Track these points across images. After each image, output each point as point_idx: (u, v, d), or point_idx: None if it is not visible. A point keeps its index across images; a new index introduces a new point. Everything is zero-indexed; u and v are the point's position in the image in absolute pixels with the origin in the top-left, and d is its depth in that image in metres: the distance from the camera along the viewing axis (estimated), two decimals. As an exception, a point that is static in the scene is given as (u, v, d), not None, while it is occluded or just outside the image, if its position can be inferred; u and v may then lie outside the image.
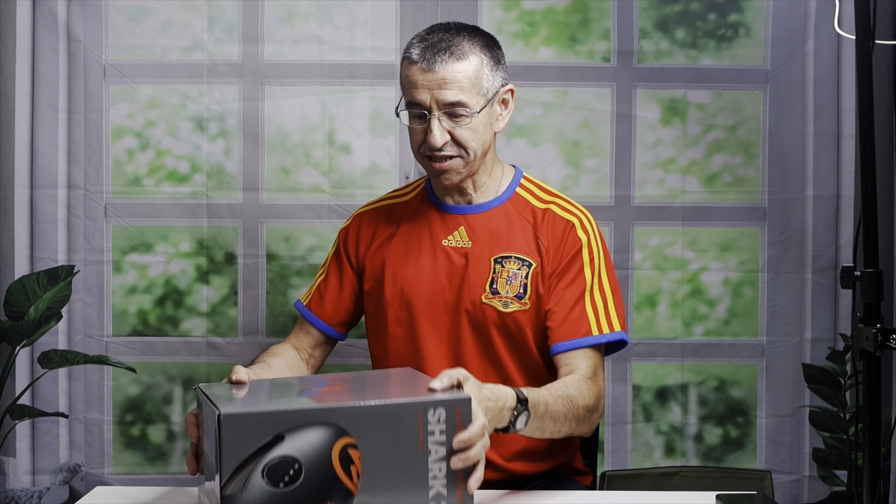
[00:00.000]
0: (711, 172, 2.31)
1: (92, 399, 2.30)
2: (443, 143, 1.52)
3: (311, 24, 2.28)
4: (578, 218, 1.61)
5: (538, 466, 1.63)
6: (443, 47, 1.52)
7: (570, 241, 1.58)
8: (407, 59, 1.54)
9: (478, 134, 1.54)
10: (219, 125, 2.28)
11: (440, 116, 1.51)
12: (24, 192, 2.28)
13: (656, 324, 2.31)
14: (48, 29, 2.26)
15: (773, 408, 2.31)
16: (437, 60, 1.50)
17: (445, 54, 1.51)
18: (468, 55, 1.52)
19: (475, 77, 1.52)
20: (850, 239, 2.28)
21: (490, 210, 1.62)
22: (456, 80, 1.50)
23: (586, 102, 2.29)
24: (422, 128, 1.54)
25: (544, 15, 2.29)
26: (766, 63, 2.29)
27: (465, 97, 1.51)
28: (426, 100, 1.51)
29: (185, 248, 2.30)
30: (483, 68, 1.54)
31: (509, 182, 1.65)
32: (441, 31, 1.56)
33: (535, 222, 1.61)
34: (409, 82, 1.53)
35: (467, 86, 1.51)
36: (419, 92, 1.51)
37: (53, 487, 2.29)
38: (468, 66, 1.52)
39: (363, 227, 1.70)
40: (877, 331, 1.22)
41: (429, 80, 1.51)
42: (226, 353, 2.30)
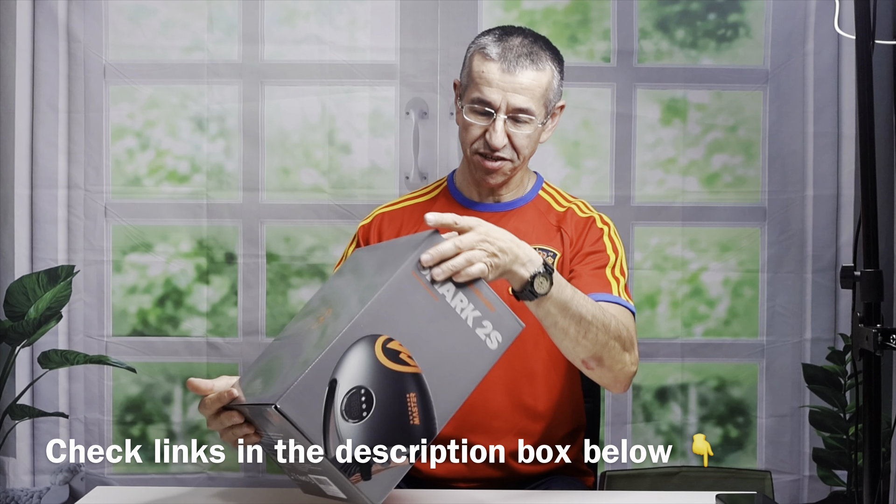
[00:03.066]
0: (711, 172, 2.31)
1: (92, 399, 2.30)
2: (503, 144, 1.54)
3: (311, 24, 2.28)
4: (598, 216, 1.67)
5: (539, 466, 1.63)
6: (525, 52, 1.53)
7: (592, 231, 1.63)
8: (482, 54, 1.54)
9: (532, 142, 1.58)
10: (219, 125, 2.28)
11: (506, 118, 1.53)
12: (24, 192, 2.28)
13: (656, 324, 2.31)
14: (48, 29, 2.26)
15: (773, 408, 2.32)
16: (520, 65, 1.52)
17: (527, 60, 1.53)
18: (546, 66, 1.55)
19: (546, 88, 1.55)
20: (850, 239, 2.28)
21: (516, 209, 1.65)
22: (531, 87, 1.53)
23: (586, 102, 2.29)
24: (482, 125, 1.55)
25: (544, 15, 2.29)
26: (766, 63, 2.29)
27: (533, 105, 1.53)
28: (497, 100, 1.53)
29: (185, 248, 2.30)
30: (553, 81, 1.57)
31: (532, 185, 1.70)
32: (519, 34, 1.57)
33: (559, 222, 1.66)
34: (482, 78, 1.53)
35: (538, 95, 1.54)
36: (492, 91, 1.53)
37: (53, 487, 2.29)
38: (544, 77, 1.55)
39: (385, 225, 1.69)
40: (877, 331, 1.22)
41: (506, 82, 1.52)
42: (226, 353, 2.30)
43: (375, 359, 1.15)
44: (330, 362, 1.13)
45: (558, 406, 1.65)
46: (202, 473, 2.30)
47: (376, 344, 1.15)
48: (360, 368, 1.14)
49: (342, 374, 1.13)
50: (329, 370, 1.12)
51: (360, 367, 1.14)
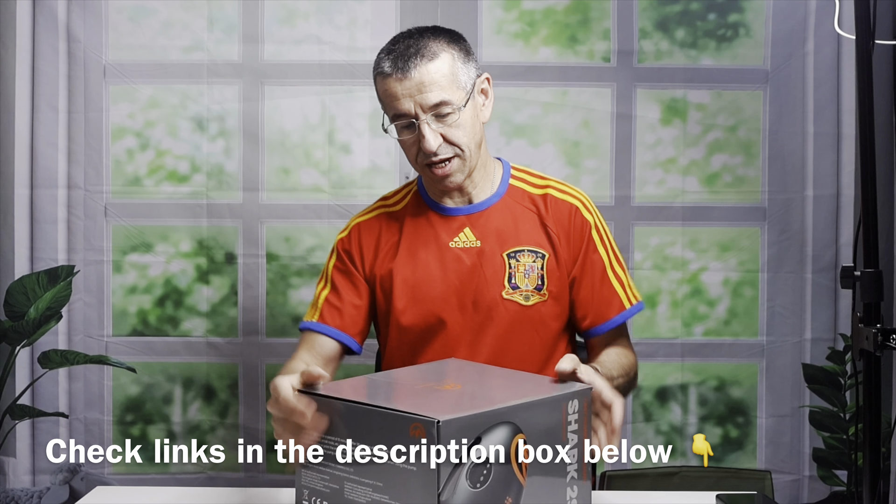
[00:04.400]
0: (711, 172, 2.31)
1: (92, 399, 2.30)
2: (437, 145, 1.51)
3: (311, 24, 2.28)
4: (580, 200, 1.63)
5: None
6: (412, 53, 1.50)
7: (579, 225, 1.60)
8: (380, 74, 1.53)
9: (468, 129, 1.54)
10: (219, 125, 2.28)
11: (428, 120, 1.51)
12: (24, 192, 2.28)
13: (656, 324, 2.31)
14: (48, 29, 2.26)
15: (773, 408, 2.32)
16: (411, 66, 1.49)
17: (417, 58, 1.50)
18: (438, 53, 1.52)
19: (451, 73, 1.52)
20: (850, 239, 2.28)
21: (491, 206, 1.62)
22: (433, 80, 1.50)
23: (586, 102, 2.29)
24: (413, 137, 1.53)
25: (544, 15, 2.29)
26: (766, 63, 2.29)
27: (446, 95, 1.50)
28: (410, 108, 1.50)
29: (185, 248, 2.30)
30: (455, 63, 1.53)
31: (501, 175, 1.66)
32: (405, 39, 1.54)
33: (538, 209, 1.62)
34: (388, 95, 1.52)
35: (446, 84, 1.51)
36: (401, 102, 1.50)
37: (53, 487, 2.29)
38: (441, 64, 1.51)
39: (364, 237, 1.66)
40: (877, 331, 1.22)
41: (407, 88, 1.50)
42: (226, 353, 2.30)
43: (509, 449, 1.16)
44: (487, 420, 1.14)
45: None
46: (202, 473, 2.30)
47: (516, 437, 1.16)
48: (497, 447, 1.15)
49: (486, 439, 1.14)
50: (482, 427, 1.13)
51: (499, 446, 1.15)
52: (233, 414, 2.30)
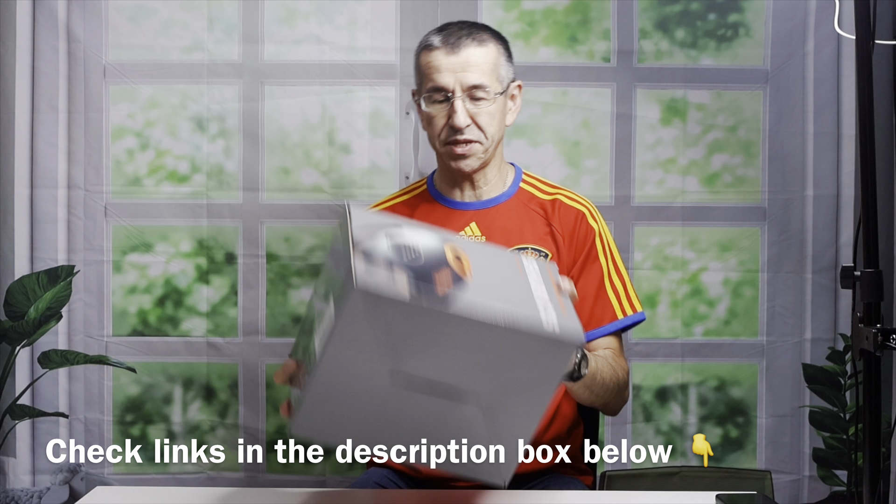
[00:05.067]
0: (711, 172, 2.31)
1: (92, 399, 2.30)
2: (466, 123, 1.56)
3: (311, 24, 2.28)
4: (587, 208, 1.67)
5: (539, 466, 1.63)
6: (464, 34, 1.59)
7: (583, 230, 1.64)
8: (427, 47, 1.60)
9: (495, 120, 1.60)
10: (219, 125, 2.28)
11: (463, 98, 1.56)
12: (24, 192, 2.28)
13: (656, 324, 2.31)
14: (48, 29, 2.26)
15: (773, 408, 2.32)
16: (461, 44, 1.57)
17: (468, 39, 1.58)
18: (487, 42, 1.60)
19: (494, 63, 1.59)
20: (850, 239, 2.28)
21: (499, 204, 1.65)
22: (478, 63, 1.57)
23: (586, 102, 2.29)
24: (444, 112, 1.58)
25: (544, 15, 2.29)
26: (766, 63, 2.29)
27: (485, 80, 1.57)
28: (450, 83, 1.56)
29: (185, 248, 2.30)
30: (499, 57, 1.61)
31: (513, 178, 1.70)
32: (457, 23, 1.63)
33: (546, 212, 1.66)
34: (430, 67, 1.58)
35: (487, 70, 1.58)
36: (443, 75, 1.57)
37: (53, 487, 2.29)
38: (488, 52, 1.59)
39: None
40: (877, 331, 1.22)
41: (452, 63, 1.56)
42: (226, 353, 2.30)
43: (442, 247, 1.14)
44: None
45: (558, 406, 1.65)
46: (202, 473, 2.30)
47: (448, 245, 1.14)
48: (426, 239, 1.14)
49: (410, 230, 1.14)
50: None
51: (428, 239, 1.14)
52: (233, 414, 2.30)
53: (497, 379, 1.12)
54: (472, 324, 1.07)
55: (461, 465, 1.15)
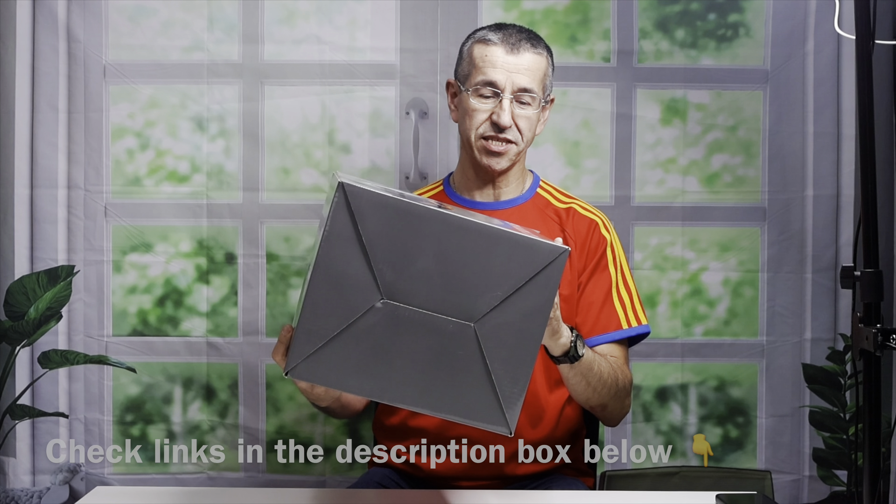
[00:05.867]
0: (711, 172, 2.31)
1: (92, 399, 2.30)
2: (510, 124, 1.59)
3: (311, 24, 2.28)
4: (601, 219, 1.70)
5: (539, 466, 1.63)
6: (524, 36, 1.61)
7: (596, 239, 1.66)
8: (483, 41, 1.61)
9: (532, 125, 1.63)
10: (219, 125, 2.28)
11: (511, 99, 1.58)
12: (24, 192, 2.28)
13: (656, 324, 2.31)
14: (48, 29, 2.26)
15: (773, 408, 2.32)
16: (521, 47, 1.59)
17: (527, 43, 1.60)
18: (542, 51, 1.63)
19: (544, 72, 1.62)
20: (850, 239, 2.28)
21: (516, 206, 1.67)
22: (532, 68, 1.59)
23: (586, 102, 2.29)
24: (488, 108, 1.59)
25: (544, 15, 2.29)
26: (766, 63, 2.29)
27: (535, 86, 1.60)
28: (503, 80, 1.58)
29: (185, 248, 2.30)
30: (548, 68, 1.64)
31: (531, 183, 1.73)
32: (515, 27, 1.64)
33: (560, 219, 1.69)
34: (486, 61, 1.59)
35: (538, 78, 1.61)
36: (497, 71, 1.58)
37: (53, 487, 2.29)
38: (542, 60, 1.62)
39: None
40: (877, 331, 1.22)
41: (510, 63, 1.58)
42: (226, 353, 2.30)
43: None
44: None
45: (558, 406, 1.65)
46: (202, 473, 2.30)
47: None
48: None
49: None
50: None
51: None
52: (233, 414, 2.30)
53: (486, 303, 1.12)
54: (454, 228, 1.09)
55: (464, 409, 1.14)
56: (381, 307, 1.11)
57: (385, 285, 1.10)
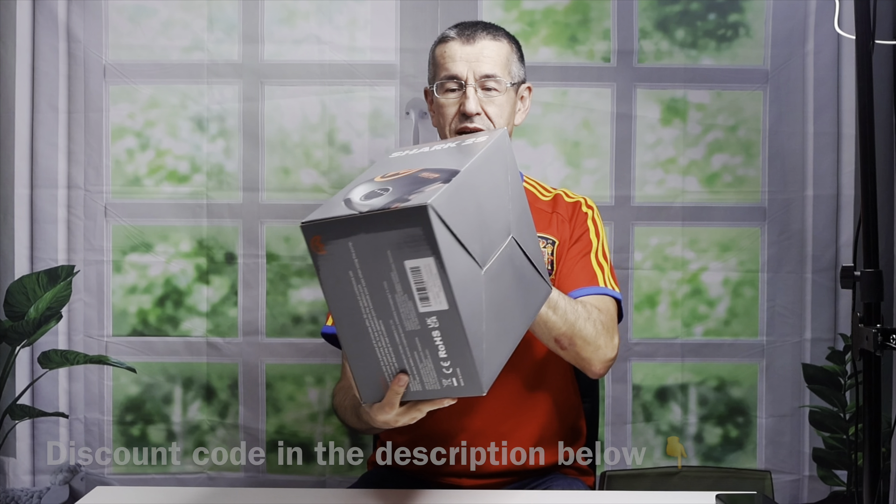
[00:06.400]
0: (711, 172, 2.31)
1: (92, 399, 2.30)
2: (477, 111, 1.59)
3: (311, 24, 2.28)
4: (583, 200, 1.73)
5: (539, 466, 1.63)
6: (479, 27, 1.63)
7: (581, 213, 1.70)
8: (443, 40, 1.64)
9: (504, 112, 1.63)
10: (219, 125, 2.29)
11: (475, 87, 1.60)
12: (24, 192, 2.28)
13: (656, 324, 2.31)
14: (48, 29, 2.26)
15: (773, 408, 2.32)
16: (477, 37, 1.61)
17: (483, 32, 1.62)
18: (501, 38, 1.64)
19: (507, 58, 1.63)
20: (850, 239, 2.28)
21: None
22: (490, 55, 1.61)
23: (586, 102, 2.29)
24: (455, 101, 1.61)
25: (544, 15, 2.29)
26: (766, 63, 2.29)
27: (498, 71, 1.60)
28: (463, 71, 1.60)
29: (185, 248, 2.30)
30: (512, 54, 1.65)
31: None
32: (473, 21, 1.67)
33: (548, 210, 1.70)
34: (445, 58, 1.62)
35: (500, 63, 1.61)
36: (457, 64, 1.60)
37: (53, 487, 2.29)
38: (502, 46, 1.63)
39: None
40: (877, 331, 1.22)
41: (467, 53, 1.60)
42: (226, 353, 2.30)
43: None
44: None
45: (558, 406, 1.65)
46: (202, 473, 2.30)
47: None
48: None
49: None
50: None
51: None
52: (233, 414, 2.30)
53: (507, 212, 1.19)
54: (473, 173, 1.13)
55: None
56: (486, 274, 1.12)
57: (480, 257, 1.12)
